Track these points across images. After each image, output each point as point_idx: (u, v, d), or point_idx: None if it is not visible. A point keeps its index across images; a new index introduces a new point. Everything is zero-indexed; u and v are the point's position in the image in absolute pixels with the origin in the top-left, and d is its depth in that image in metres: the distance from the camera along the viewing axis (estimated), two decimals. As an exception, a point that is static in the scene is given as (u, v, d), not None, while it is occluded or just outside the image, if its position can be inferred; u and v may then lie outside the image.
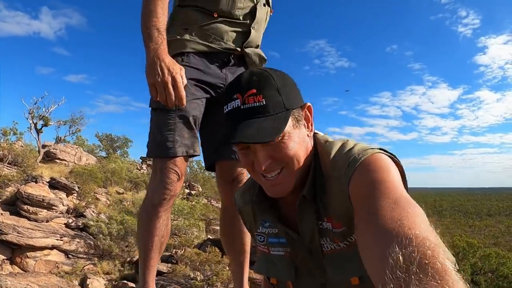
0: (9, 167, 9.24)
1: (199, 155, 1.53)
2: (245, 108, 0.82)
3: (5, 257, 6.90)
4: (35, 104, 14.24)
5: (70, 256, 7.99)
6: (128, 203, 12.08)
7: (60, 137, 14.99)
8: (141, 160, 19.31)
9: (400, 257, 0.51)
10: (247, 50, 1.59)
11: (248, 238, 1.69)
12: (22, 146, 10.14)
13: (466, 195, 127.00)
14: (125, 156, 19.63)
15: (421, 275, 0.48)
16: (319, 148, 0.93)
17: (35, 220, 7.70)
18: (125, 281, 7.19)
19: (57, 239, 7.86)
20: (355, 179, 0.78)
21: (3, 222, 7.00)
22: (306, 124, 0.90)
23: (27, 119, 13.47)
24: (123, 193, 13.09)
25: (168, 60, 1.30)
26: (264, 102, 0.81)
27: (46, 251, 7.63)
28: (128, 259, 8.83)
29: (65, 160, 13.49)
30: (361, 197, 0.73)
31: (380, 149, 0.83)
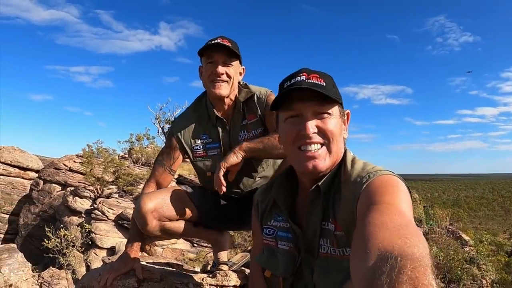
0: (141, 167, 10.47)
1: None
2: (309, 82, 1.01)
3: (137, 245, 7.58)
4: (160, 110, 15.63)
5: (195, 245, 8.44)
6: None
7: (186, 139, 16.42)
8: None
9: (387, 278, 0.52)
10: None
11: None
12: (153, 149, 11.45)
13: None
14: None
15: None
16: (346, 157, 1.06)
17: (163, 212, 8.37)
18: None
19: (183, 229, 8.39)
20: (363, 194, 0.88)
21: (134, 214, 7.80)
22: (344, 125, 1.08)
23: (154, 124, 15.19)
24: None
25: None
26: (324, 84, 1.01)
27: (173, 240, 8.21)
28: (249, 247, 8.98)
29: (196, 160, 14.54)
30: (362, 213, 0.80)
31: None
